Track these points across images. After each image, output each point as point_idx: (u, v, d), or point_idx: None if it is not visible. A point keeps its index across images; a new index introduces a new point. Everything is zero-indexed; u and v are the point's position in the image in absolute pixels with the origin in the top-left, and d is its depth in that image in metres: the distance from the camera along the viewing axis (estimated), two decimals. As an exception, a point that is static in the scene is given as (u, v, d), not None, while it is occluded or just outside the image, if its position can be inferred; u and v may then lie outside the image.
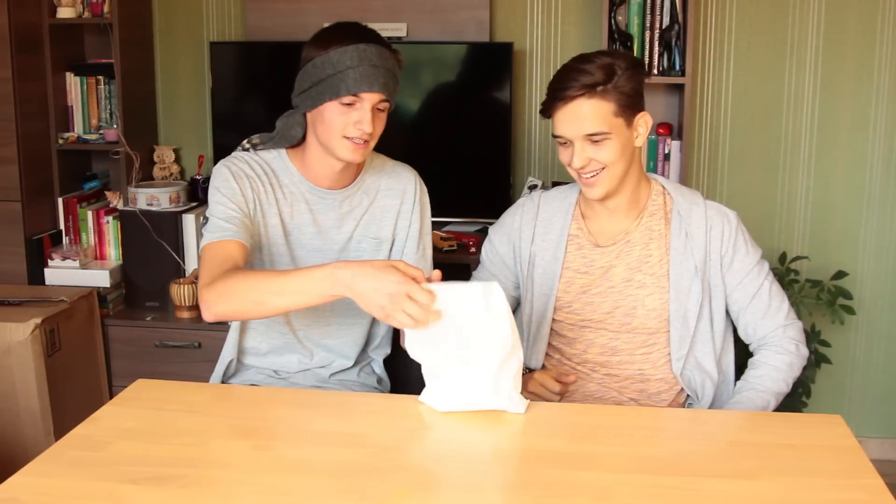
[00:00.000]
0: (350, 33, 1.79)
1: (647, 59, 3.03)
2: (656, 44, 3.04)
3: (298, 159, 1.92)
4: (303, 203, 1.91)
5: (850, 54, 3.16)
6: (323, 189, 1.91)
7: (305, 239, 1.92)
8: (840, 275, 3.11)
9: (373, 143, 1.83)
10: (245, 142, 1.96)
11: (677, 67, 3.03)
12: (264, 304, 1.65)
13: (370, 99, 1.76)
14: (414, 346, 1.61)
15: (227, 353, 2.02)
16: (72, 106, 3.36)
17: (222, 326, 3.14)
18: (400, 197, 1.97)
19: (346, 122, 1.78)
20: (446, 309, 1.55)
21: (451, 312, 1.55)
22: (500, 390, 1.59)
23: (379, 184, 1.97)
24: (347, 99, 1.76)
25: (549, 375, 1.85)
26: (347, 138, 1.79)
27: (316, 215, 1.92)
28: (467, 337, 1.57)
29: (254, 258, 1.90)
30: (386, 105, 1.81)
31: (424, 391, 1.64)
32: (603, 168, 1.81)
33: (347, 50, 1.75)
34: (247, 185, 1.87)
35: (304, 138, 1.90)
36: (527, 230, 1.99)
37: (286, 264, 1.92)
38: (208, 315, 1.68)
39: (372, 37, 1.79)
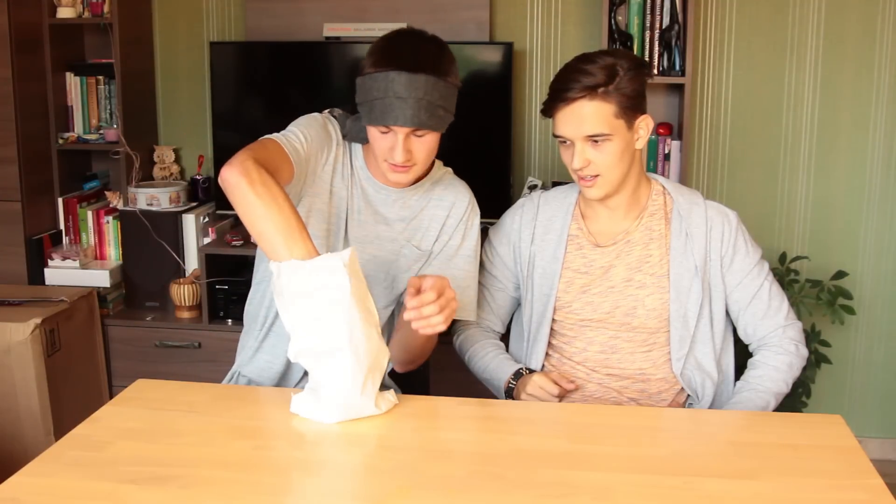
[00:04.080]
0: (385, 55, 1.71)
1: (647, 59, 3.03)
2: (656, 44, 3.04)
3: (369, 153, 1.88)
4: (359, 189, 1.88)
5: (850, 54, 3.16)
6: (381, 184, 1.88)
7: (355, 215, 1.87)
8: (840, 275, 3.11)
9: (419, 168, 1.78)
10: (327, 111, 1.90)
11: (677, 67, 3.03)
12: (253, 212, 1.55)
13: (400, 130, 1.71)
14: (300, 357, 1.56)
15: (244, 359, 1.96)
16: (72, 106, 3.36)
17: (222, 326, 3.16)
18: (448, 209, 1.92)
19: (384, 146, 1.74)
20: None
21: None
22: (367, 392, 1.55)
23: (433, 192, 1.92)
24: (381, 127, 1.72)
25: (548, 378, 1.85)
26: (388, 162, 1.76)
27: (370, 203, 1.89)
28: (340, 343, 1.53)
29: (293, 189, 1.78)
30: (425, 132, 1.73)
31: (309, 407, 1.57)
32: (597, 176, 1.82)
33: (378, 77, 1.69)
34: (327, 141, 1.83)
35: None
36: (526, 231, 1.98)
37: (321, 225, 1.84)
38: (231, 173, 1.56)
39: (403, 63, 1.68)
